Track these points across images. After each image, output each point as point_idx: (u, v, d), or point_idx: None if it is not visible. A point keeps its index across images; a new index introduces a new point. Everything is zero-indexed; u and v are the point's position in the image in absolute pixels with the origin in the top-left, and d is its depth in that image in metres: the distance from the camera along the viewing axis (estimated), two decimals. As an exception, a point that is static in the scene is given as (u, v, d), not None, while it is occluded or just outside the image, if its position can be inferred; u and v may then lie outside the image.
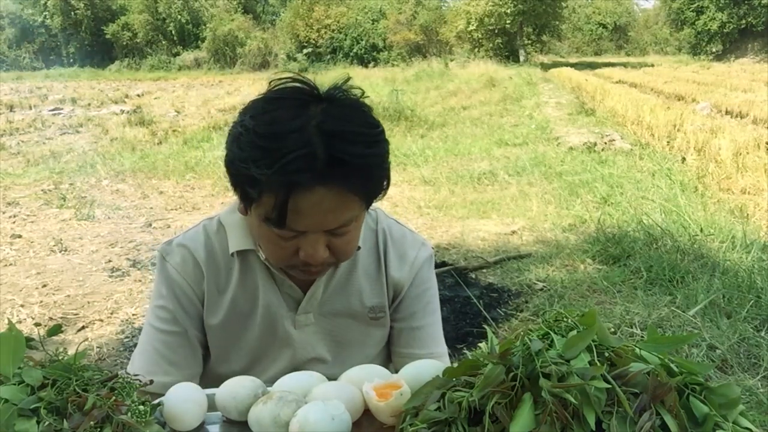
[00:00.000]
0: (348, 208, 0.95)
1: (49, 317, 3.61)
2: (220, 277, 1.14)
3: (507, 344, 0.70)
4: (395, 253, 1.19)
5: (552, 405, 0.62)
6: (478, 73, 20.68)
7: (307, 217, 0.92)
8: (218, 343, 1.16)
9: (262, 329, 1.15)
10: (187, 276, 1.13)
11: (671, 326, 3.08)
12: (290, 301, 1.15)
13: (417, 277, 1.20)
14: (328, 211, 0.93)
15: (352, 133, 0.90)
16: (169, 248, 1.15)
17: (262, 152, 0.88)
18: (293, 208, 0.90)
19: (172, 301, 1.13)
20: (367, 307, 1.18)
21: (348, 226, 0.97)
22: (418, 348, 1.21)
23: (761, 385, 2.57)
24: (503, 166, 7.41)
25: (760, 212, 4.99)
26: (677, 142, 7.79)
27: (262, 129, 0.89)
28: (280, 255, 1.01)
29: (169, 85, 26.61)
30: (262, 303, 1.14)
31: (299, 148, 0.87)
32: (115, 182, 7.32)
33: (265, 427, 0.81)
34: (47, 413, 0.68)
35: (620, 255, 4.10)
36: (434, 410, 0.70)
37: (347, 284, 1.17)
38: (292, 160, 0.87)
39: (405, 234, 1.22)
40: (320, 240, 0.97)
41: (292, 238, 0.97)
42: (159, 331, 1.13)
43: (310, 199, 0.90)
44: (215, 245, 1.14)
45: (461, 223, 5.29)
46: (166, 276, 1.13)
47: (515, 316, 3.45)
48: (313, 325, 1.16)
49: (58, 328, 0.85)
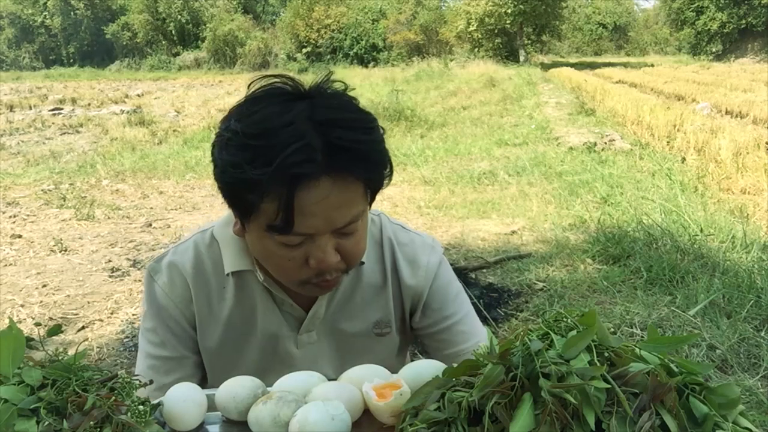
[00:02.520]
0: (354, 201, 0.91)
1: (49, 317, 3.61)
2: (212, 297, 1.09)
3: (507, 344, 0.70)
4: (406, 261, 1.15)
5: (552, 405, 0.62)
6: (478, 73, 20.68)
7: (314, 216, 0.88)
8: (215, 366, 1.13)
9: (262, 350, 1.11)
10: (175, 298, 1.08)
11: (671, 326, 3.08)
12: (291, 321, 1.11)
13: (435, 278, 1.16)
14: (334, 206, 0.89)
15: (345, 119, 0.87)
16: (158, 267, 1.10)
17: (256, 152, 0.84)
18: (299, 206, 0.86)
19: (160, 327, 1.09)
20: (372, 322, 1.14)
21: (355, 224, 0.93)
22: (464, 342, 1.16)
23: (761, 385, 2.57)
24: (503, 166, 7.41)
25: (760, 212, 4.99)
26: (677, 142, 7.79)
27: (252, 129, 0.85)
28: (290, 269, 0.95)
29: (169, 85, 26.61)
30: (261, 324, 1.10)
31: (295, 141, 0.83)
32: (115, 182, 7.32)
33: (264, 427, 0.81)
34: (47, 413, 0.68)
35: (620, 255, 4.10)
36: (434, 410, 0.70)
37: (351, 300, 1.13)
38: (290, 154, 0.82)
39: (413, 239, 1.18)
40: (330, 242, 0.92)
41: (298, 246, 0.92)
42: (148, 355, 1.11)
43: (316, 194, 0.86)
44: (206, 262, 1.09)
45: (461, 223, 5.29)
46: (153, 299, 1.09)
47: (515, 316, 3.45)
48: (317, 344, 1.12)
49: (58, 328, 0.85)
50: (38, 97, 19.06)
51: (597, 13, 54.25)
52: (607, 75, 23.04)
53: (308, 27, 39.71)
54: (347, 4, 40.75)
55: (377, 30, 38.74)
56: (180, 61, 41.14)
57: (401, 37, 37.20)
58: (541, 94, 15.63)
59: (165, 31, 43.29)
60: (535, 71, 23.17)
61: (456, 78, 20.06)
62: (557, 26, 36.38)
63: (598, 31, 53.82)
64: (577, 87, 16.99)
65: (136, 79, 31.49)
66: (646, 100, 11.99)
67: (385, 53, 37.70)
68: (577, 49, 52.92)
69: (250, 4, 46.81)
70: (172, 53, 42.91)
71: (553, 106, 13.07)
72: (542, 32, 35.89)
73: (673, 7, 37.51)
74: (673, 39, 46.25)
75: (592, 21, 53.90)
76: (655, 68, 26.65)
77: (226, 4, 43.49)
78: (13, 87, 23.99)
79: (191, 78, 31.56)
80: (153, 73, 35.93)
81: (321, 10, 39.66)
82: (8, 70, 39.67)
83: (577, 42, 53.73)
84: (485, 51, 33.15)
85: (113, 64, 42.22)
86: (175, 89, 23.35)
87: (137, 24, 43.25)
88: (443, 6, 40.76)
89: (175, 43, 43.28)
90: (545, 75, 22.35)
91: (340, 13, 39.93)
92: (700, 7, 35.34)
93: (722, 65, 27.76)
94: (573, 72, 23.10)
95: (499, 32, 32.95)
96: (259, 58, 38.97)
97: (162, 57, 42.31)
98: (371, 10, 39.75)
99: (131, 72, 38.78)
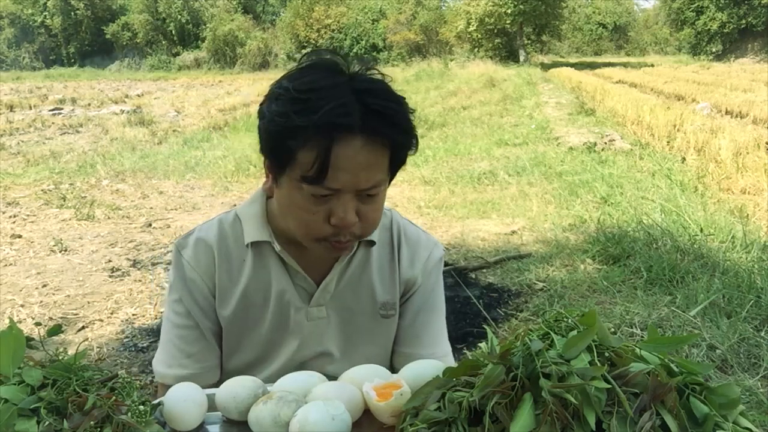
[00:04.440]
0: (380, 166, 0.99)
1: (49, 317, 3.61)
2: (233, 268, 1.16)
3: (507, 344, 0.70)
4: (408, 252, 1.22)
5: (552, 405, 0.62)
6: (478, 73, 20.67)
7: (345, 171, 0.95)
8: (230, 334, 1.18)
9: (274, 321, 1.17)
10: (201, 270, 1.15)
11: (671, 326, 3.08)
12: (303, 293, 1.16)
13: (427, 277, 1.23)
14: (363, 166, 0.96)
15: (379, 90, 0.98)
16: (185, 242, 1.18)
17: (304, 104, 0.94)
18: (334, 157, 0.94)
19: (186, 297, 1.16)
20: (379, 303, 1.19)
21: (378, 188, 1.01)
22: (420, 348, 1.22)
23: (761, 385, 2.57)
24: (503, 166, 7.41)
25: (760, 212, 4.99)
26: (677, 142, 7.79)
27: (301, 86, 0.95)
28: (312, 224, 1.02)
29: (169, 85, 26.62)
30: (274, 294, 1.15)
31: (337, 99, 0.93)
32: (115, 182, 7.32)
33: (265, 427, 0.81)
34: (47, 413, 0.68)
35: (620, 255, 4.10)
36: (434, 410, 0.70)
37: (360, 279, 1.18)
38: (333, 108, 0.92)
39: (419, 234, 1.25)
40: (351, 202, 0.99)
41: (324, 202, 0.99)
42: (175, 325, 1.17)
43: (350, 150, 0.94)
44: (229, 236, 1.17)
45: (461, 223, 5.29)
46: (181, 271, 1.16)
47: (515, 316, 3.45)
48: (325, 319, 1.18)
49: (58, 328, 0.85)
50: (38, 97, 19.06)
51: (597, 13, 54.20)
52: (607, 75, 23.03)
53: (308, 27, 39.71)
54: (347, 4, 40.74)
55: (377, 30, 38.74)
56: (180, 61, 41.14)
57: (401, 37, 37.20)
58: (541, 94, 15.63)
59: (165, 31, 43.29)
60: (535, 71, 23.15)
61: (456, 78, 20.05)
62: (557, 26, 36.33)
63: (598, 31, 53.78)
64: (577, 87, 16.98)
65: (136, 79, 31.51)
66: (646, 100, 11.99)
67: (385, 53, 37.70)
68: (577, 49, 52.88)
69: (250, 4, 46.77)
70: (172, 53, 42.91)
71: (553, 106, 13.07)
72: (542, 32, 35.84)
73: (673, 7, 37.48)
74: (673, 39, 46.20)
75: (592, 21, 53.86)
76: (655, 68, 26.64)
77: (226, 4, 43.47)
78: (13, 87, 23.99)
79: (191, 78, 31.58)
80: (153, 73, 35.94)
81: (321, 10, 39.66)
82: (8, 70, 39.63)
83: (577, 42, 53.69)
84: (485, 51, 33.11)
85: (113, 64, 42.23)
86: (175, 89, 23.36)
87: (137, 24, 43.24)
88: (443, 6, 40.75)
89: (175, 43, 43.28)
90: (545, 75, 22.34)
91: (340, 13, 39.93)
92: (700, 7, 35.30)
93: (722, 65, 27.76)
94: (573, 72, 23.09)
95: (498, 32, 32.90)
96: (259, 58, 38.97)
97: (162, 57, 42.32)
98: (371, 10, 39.74)
99: (131, 72, 38.80)
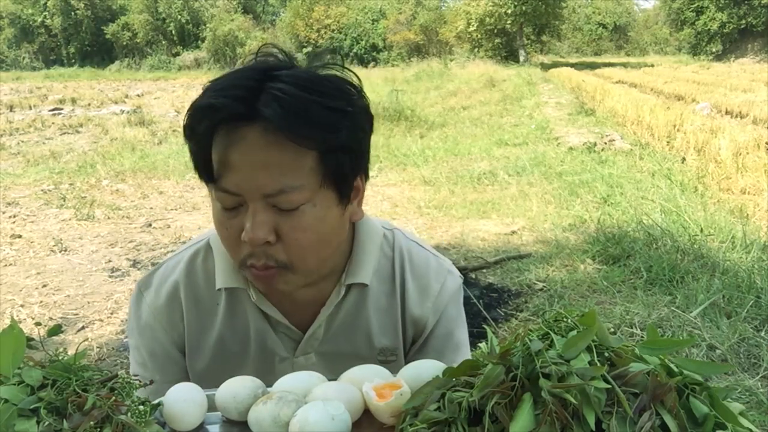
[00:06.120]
0: (288, 167, 0.80)
1: (49, 317, 3.62)
2: (203, 316, 1.01)
3: (507, 344, 0.70)
4: (416, 285, 1.03)
5: (552, 405, 0.62)
6: (478, 73, 20.68)
7: (238, 170, 0.80)
8: (207, 384, 1.06)
9: (256, 368, 1.02)
10: (162, 319, 1.01)
11: (671, 326, 3.08)
12: (288, 343, 1.02)
13: (443, 314, 1.04)
14: (261, 164, 0.80)
15: (296, 77, 0.81)
16: (148, 281, 1.03)
17: (201, 94, 0.82)
18: (223, 151, 0.80)
19: (143, 347, 1.03)
20: (377, 349, 1.03)
21: (291, 196, 0.81)
22: None
23: (761, 385, 2.57)
24: (503, 166, 7.41)
25: (760, 212, 4.99)
26: (677, 142, 7.78)
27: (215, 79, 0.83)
28: (228, 241, 0.87)
29: (169, 85, 26.62)
30: (254, 345, 1.01)
31: (233, 83, 0.80)
32: (115, 182, 7.32)
33: (265, 428, 0.81)
34: (47, 413, 0.68)
35: (620, 255, 4.10)
36: (434, 410, 0.70)
37: (354, 323, 1.02)
38: (222, 89, 0.80)
39: (428, 260, 1.05)
40: (262, 214, 0.82)
41: (235, 214, 0.84)
42: (135, 372, 1.06)
43: (240, 144, 0.79)
44: (199, 275, 1.01)
45: (461, 223, 5.29)
46: (138, 317, 1.02)
47: (515, 316, 3.45)
48: (314, 366, 1.03)
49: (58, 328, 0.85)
50: (38, 97, 19.05)
51: (597, 13, 54.25)
52: (607, 75, 23.03)
53: (308, 27, 39.75)
54: (347, 4, 40.79)
55: (377, 30, 38.78)
56: (180, 61, 41.15)
57: (401, 37, 37.22)
58: (541, 94, 15.63)
59: (165, 31, 43.32)
60: (535, 71, 23.16)
61: (456, 78, 20.06)
62: (557, 26, 36.37)
63: (598, 31, 53.82)
64: (577, 87, 16.98)
65: (136, 79, 31.50)
66: (646, 100, 11.98)
67: (385, 53, 37.74)
68: (577, 49, 52.91)
69: (250, 4, 46.82)
70: (172, 53, 42.94)
71: (553, 106, 13.07)
72: (542, 32, 35.88)
73: (673, 7, 37.50)
74: (673, 39, 46.26)
75: (592, 21, 53.90)
76: (654, 68, 26.64)
77: (226, 4, 43.50)
78: (13, 87, 23.98)
79: (191, 78, 31.53)
80: (153, 73, 35.93)
81: (321, 10, 39.69)
82: (8, 70, 39.63)
83: (577, 42, 53.72)
84: (485, 51, 33.14)
85: (113, 64, 42.21)
86: (175, 89, 23.35)
87: (137, 24, 43.26)
88: (443, 6, 40.80)
89: (175, 43, 43.30)
90: (545, 75, 22.35)
91: (340, 13, 39.97)
92: (700, 7, 35.32)
93: (722, 65, 27.77)
94: (573, 72, 23.09)
95: (498, 32, 32.93)
96: (259, 58, 38.93)
97: (162, 57, 42.33)
98: (371, 10, 39.79)
99: (131, 72, 38.77)
